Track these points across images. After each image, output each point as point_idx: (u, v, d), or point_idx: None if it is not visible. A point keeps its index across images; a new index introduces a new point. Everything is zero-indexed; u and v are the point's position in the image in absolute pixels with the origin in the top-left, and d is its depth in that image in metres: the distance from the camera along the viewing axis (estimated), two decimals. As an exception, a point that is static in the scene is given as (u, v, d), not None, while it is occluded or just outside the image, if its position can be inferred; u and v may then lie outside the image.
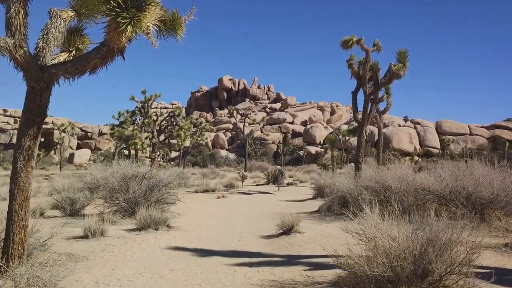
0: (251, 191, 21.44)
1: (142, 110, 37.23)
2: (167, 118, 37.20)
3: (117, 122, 36.60)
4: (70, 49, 6.08)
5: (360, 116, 19.70)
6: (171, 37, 5.84)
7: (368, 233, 5.46)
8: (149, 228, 9.50)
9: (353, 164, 39.53)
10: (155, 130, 35.88)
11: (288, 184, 26.17)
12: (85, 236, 8.60)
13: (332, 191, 13.18)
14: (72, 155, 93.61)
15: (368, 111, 19.10)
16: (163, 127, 36.12)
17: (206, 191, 20.53)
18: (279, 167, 23.25)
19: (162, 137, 37.16)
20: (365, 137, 19.60)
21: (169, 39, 5.88)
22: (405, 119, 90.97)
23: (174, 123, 36.62)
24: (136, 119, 37.87)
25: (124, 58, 5.59)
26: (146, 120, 35.31)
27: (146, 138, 34.15)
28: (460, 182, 9.62)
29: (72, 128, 55.80)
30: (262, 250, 7.76)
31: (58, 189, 16.36)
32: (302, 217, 11.41)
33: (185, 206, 14.21)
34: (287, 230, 9.03)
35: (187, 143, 68.94)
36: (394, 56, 18.50)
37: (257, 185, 26.21)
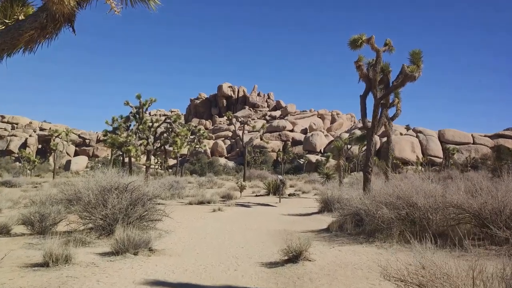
0: (250, 203, 19.78)
1: (137, 116, 35.63)
2: (163, 124, 35.58)
3: (110, 128, 34.98)
4: (6, 20, 4.47)
5: (369, 122, 18.14)
6: (141, 3, 4.25)
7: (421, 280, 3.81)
8: (126, 252, 7.85)
9: (355, 173, 37.81)
10: (151, 137, 34.25)
11: (290, 195, 24.51)
12: (45, 264, 6.95)
13: (343, 205, 11.56)
14: (69, 162, 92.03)
15: (379, 117, 17.53)
16: (159, 134, 34.43)
17: (201, 202, 18.87)
18: (280, 176, 21.61)
19: (157, 144, 35.49)
20: (374, 145, 17.99)
21: (139, 7, 4.29)
22: (407, 128, 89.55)
23: (170, 129, 34.96)
24: (130, 125, 36.28)
25: (74, 31, 3.99)
26: (141, 126, 33.64)
27: (140, 145, 32.50)
28: (502, 199, 7.98)
29: (67, 134, 54.18)
30: (263, 286, 6.10)
31: (36, 200, 14.68)
32: (310, 237, 9.76)
33: (175, 221, 12.55)
34: (294, 257, 7.38)
35: (185, 150, 67.42)
36: (405, 58, 16.98)
37: (256, 195, 24.55)
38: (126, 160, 38.22)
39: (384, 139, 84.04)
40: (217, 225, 12.43)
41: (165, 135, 34.87)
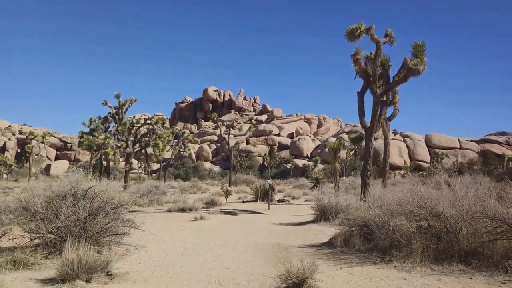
0: (236, 210, 17.98)
1: (116, 117, 33.56)
2: (145, 126, 33.52)
3: (88, 130, 32.81)
4: None
5: (367, 121, 16.56)
6: None
7: None
8: (76, 279, 6.00)
9: (344, 178, 36.26)
10: (130, 139, 32.20)
11: (279, 201, 22.77)
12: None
13: (346, 215, 9.87)
14: (48, 166, 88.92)
15: (378, 115, 15.95)
16: (140, 136, 32.37)
17: (182, 210, 17.00)
18: (269, 181, 19.87)
19: (138, 147, 33.43)
20: (372, 147, 16.38)
21: None
22: (394, 132, 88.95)
23: (152, 131, 32.92)
24: (109, 126, 34.18)
25: None
26: (120, 128, 31.56)
27: (119, 147, 30.41)
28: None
29: (44, 137, 51.51)
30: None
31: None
32: (310, 254, 8.04)
33: (148, 233, 10.70)
34: (295, 286, 5.63)
35: (168, 154, 65.28)
36: (399, 55, 15.44)
37: (243, 201, 22.76)
38: (102, 164, 36.04)
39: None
40: (198, 237, 10.61)
41: (146, 138, 32.77)
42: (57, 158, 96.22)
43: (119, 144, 30.68)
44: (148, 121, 32.55)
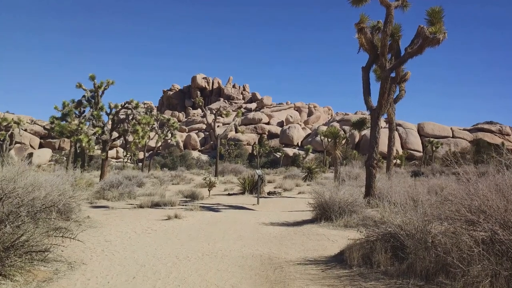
0: (220, 205, 15.51)
1: (93, 101, 30.75)
2: (122, 110, 30.66)
3: (60, 115, 29.86)
4: None
5: (371, 101, 14.15)
6: None
7: None
8: None
9: (338, 168, 34.06)
10: (107, 125, 29.41)
11: (269, 193, 20.35)
12: None
13: (363, 221, 7.47)
14: (30, 154, 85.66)
15: (387, 94, 13.53)
16: (117, 121, 29.52)
17: (156, 205, 14.48)
18: (258, 171, 17.41)
19: (116, 134, 30.64)
20: (379, 131, 13.97)
21: None
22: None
23: (131, 116, 30.09)
24: (84, 111, 31.34)
25: None
26: (95, 112, 28.77)
27: (94, 134, 27.64)
28: None
29: (18, 124, 48.20)
30: None
31: None
32: (316, 277, 5.61)
33: (102, 240, 8.20)
34: None
35: (152, 142, 62.38)
36: (415, 22, 12.99)
37: (229, 194, 20.29)
38: (76, 150, 33.25)
39: (364, 131, 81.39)
40: (165, 245, 8.12)
41: (124, 124, 29.92)
42: (41, 146, 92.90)
43: (94, 130, 27.96)
44: (127, 105, 29.76)
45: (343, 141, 62.54)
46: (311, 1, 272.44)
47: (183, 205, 14.95)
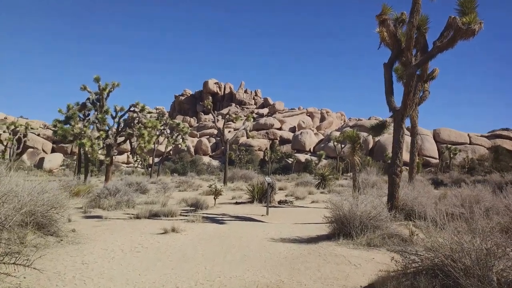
0: (225, 216, 14.10)
1: (97, 103, 29.68)
2: (128, 113, 29.49)
3: (63, 118, 28.88)
4: None
5: (394, 101, 12.66)
6: None
7: None
8: None
9: (351, 175, 32.05)
10: (112, 129, 28.32)
11: (280, 202, 18.89)
12: None
13: (394, 244, 6.01)
14: (42, 159, 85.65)
15: (412, 94, 12.02)
16: (122, 125, 28.38)
17: (155, 215, 13.14)
18: (268, 178, 15.98)
19: (121, 138, 29.49)
20: (402, 134, 12.44)
21: None
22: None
23: (137, 120, 28.92)
24: (89, 114, 30.28)
25: None
26: (99, 115, 27.73)
27: (98, 137, 26.52)
28: None
29: (26, 128, 47.64)
30: None
31: None
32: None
33: (79, 262, 6.86)
34: None
35: (161, 147, 61.32)
36: (443, 14, 11.52)
37: (236, 202, 18.88)
38: (79, 155, 32.18)
39: (378, 137, 79.22)
40: (152, 270, 6.73)
41: (131, 126, 28.75)
42: (53, 151, 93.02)
43: (98, 134, 26.86)
44: (132, 108, 28.62)
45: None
46: (323, 9, 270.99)
47: (184, 215, 13.57)
